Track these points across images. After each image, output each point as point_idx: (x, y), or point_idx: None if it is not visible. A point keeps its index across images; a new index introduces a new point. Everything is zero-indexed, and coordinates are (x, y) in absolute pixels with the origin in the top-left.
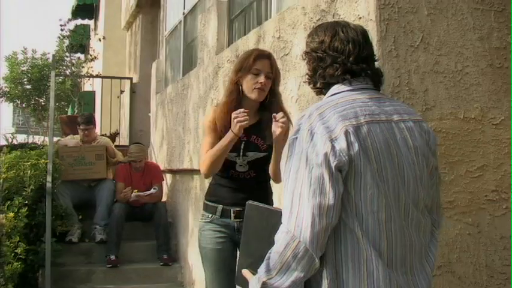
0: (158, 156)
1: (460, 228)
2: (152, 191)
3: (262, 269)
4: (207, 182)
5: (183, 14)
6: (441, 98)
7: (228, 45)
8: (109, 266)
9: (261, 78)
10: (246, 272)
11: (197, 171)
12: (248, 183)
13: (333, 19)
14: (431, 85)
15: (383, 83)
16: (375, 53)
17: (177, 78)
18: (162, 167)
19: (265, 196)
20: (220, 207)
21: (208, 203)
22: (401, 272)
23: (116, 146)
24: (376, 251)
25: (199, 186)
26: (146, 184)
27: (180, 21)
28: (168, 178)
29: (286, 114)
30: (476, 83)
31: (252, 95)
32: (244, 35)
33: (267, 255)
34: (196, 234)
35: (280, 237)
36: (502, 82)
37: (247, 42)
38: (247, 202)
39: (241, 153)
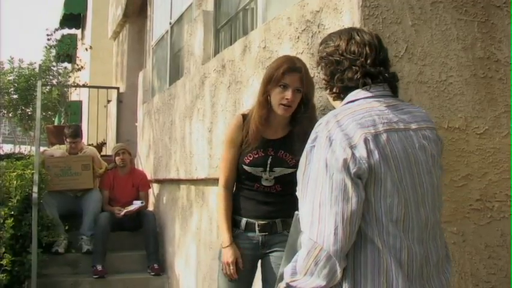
0: (145, 166)
1: (445, 237)
2: (139, 204)
3: (288, 270)
4: (194, 192)
5: (170, 24)
6: (425, 108)
7: (214, 55)
8: (96, 276)
9: (288, 94)
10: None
11: (184, 181)
12: (273, 196)
13: (318, 29)
14: (416, 95)
15: (399, 87)
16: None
17: (164, 87)
18: (149, 177)
19: (291, 209)
20: (244, 220)
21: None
22: (420, 284)
23: (102, 156)
24: (397, 261)
25: (186, 195)
26: (134, 188)
27: (167, 31)
28: (154, 188)
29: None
30: (460, 92)
31: (278, 111)
32: (230, 44)
33: (294, 257)
34: (183, 243)
35: (303, 244)
36: (485, 92)
37: (233, 52)
38: (295, 213)
39: (267, 169)
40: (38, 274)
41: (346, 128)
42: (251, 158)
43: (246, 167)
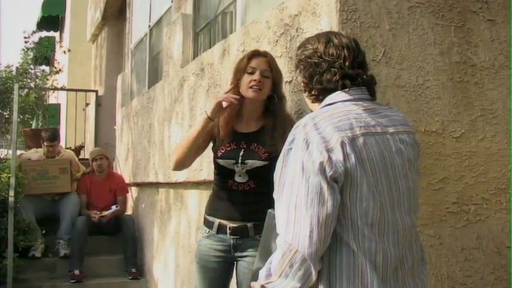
0: (124, 169)
1: (422, 240)
2: (114, 209)
3: (263, 272)
4: (172, 196)
5: (149, 26)
6: (402, 112)
7: (193, 58)
8: (73, 281)
9: (256, 76)
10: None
11: (163, 185)
12: (247, 195)
13: (296, 33)
14: (393, 98)
15: (376, 91)
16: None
17: (143, 91)
18: (127, 181)
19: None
20: (217, 222)
21: (206, 216)
22: (395, 287)
23: (80, 160)
24: (372, 264)
25: (165, 199)
26: (111, 192)
27: (146, 34)
28: (133, 191)
29: (288, 121)
30: (436, 96)
31: (248, 94)
32: (209, 48)
33: (269, 259)
34: (161, 247)
35: (278, 246)
36: (461, 96)
37: (212, 55)
38: (268, 211)
39: (239, 161)
40: (14, 279)
41: (323, 131)
42: (223, 151)
43: (218, 160)
